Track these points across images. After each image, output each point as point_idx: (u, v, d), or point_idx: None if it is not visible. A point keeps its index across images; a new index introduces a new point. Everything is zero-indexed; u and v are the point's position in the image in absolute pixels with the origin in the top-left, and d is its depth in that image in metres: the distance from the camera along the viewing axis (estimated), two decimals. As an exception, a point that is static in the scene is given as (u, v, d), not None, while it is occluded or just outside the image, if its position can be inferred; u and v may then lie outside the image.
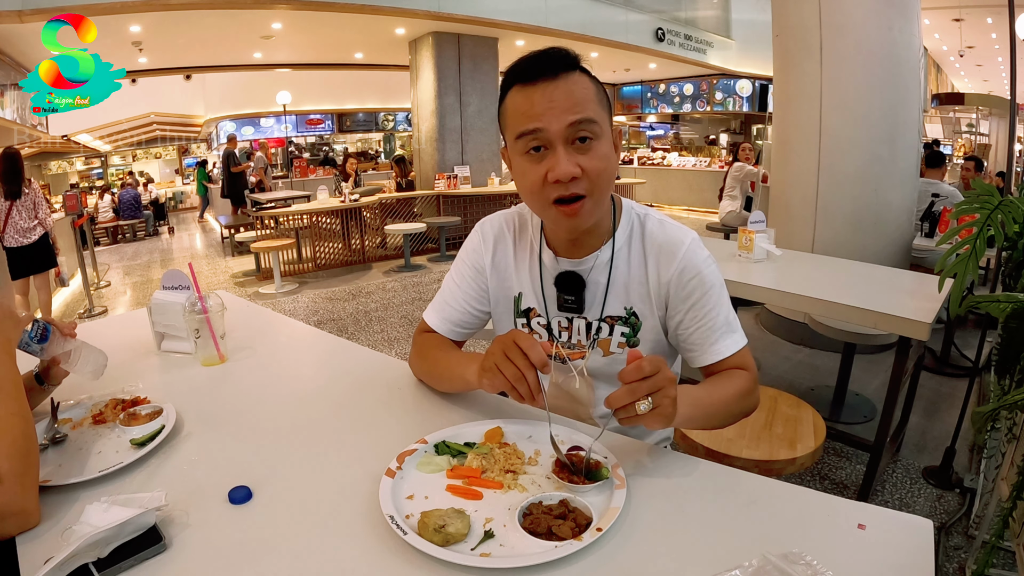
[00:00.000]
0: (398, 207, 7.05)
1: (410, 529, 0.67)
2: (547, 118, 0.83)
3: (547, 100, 0.83)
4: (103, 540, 0.63)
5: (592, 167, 0.85)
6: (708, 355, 0.96)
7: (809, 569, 0.58)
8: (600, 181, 0.87)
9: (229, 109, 13.76)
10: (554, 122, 0.83)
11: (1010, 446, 1.71)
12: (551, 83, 0.84)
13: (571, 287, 0.99)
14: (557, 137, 0.84)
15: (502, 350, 0.82)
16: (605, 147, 0.87)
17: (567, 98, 0.83)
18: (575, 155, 0.85)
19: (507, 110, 0.89)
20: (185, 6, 5.42)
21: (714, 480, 0.79)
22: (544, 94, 0.84)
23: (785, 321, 3.77)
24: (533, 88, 0.85)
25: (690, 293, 0.95)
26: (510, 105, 0.88)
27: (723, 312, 0.95)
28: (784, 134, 3.73)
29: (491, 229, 1.09)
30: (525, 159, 0.88)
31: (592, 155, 0.85)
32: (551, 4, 7.21)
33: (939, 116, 13.64)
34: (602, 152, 0.86)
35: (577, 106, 0.84)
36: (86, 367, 1.00)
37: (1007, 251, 1.88)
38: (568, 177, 0.84)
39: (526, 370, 0.80)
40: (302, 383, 1.17)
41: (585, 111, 0.84)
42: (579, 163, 0.84)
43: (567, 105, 0.83)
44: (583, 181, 0.85)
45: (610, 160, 0.88)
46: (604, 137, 0.87)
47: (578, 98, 0.84)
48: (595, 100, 0.86)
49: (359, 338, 4.17)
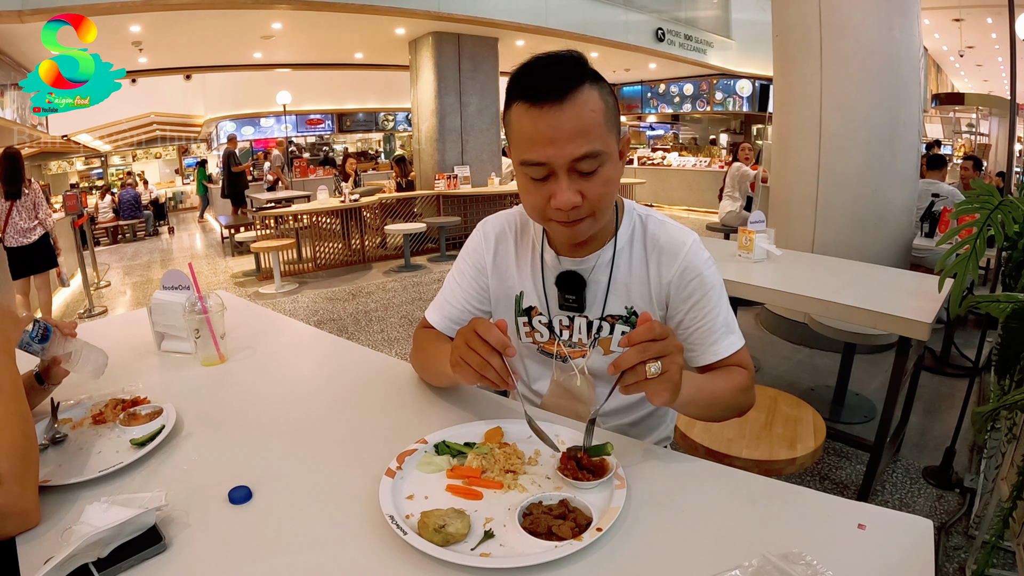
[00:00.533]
0: (398, 207, 7.05)
1: (410, 529, 0.67)
2: (551, 151, 0.81)
3: (552, 129, 0.81)
4: (103, 540, 0.63)
5: (594, 193, 0.85)
6: (707, 355, 0.97)
7: (809, 569, 0.58)
8: (602, 204, 0.87)
9: (229, 109, 13.76)
10: (558, 155, 0.82)
11: (1010, 446, 1.71)
12: (557, 109, 0.80)
13: (572, 286, 0.99)
14: (561, 168, 0.83)
15: (463, 341, 0.82)
16: (610, 171, 0.86)
17: (573, 126, 0.80)
18: (578, 182, 0.84)
19: (511, 126, 0.87)
20: (185, 6, 5.42)
21: (714, 480, 0.79)
22: (550, 122, 0.81)
23: (785, 321, 3.77)
24: (539, 113, 0.81)
25: (691, 294, 0.96)
26: (515, 122, 0.86)
27: (722, 313, 0.96)
28: (784, 134, 3.73)
29: (492, 229, 1.09)
30: (528, 179, 0.87)
31: (595, 181, 0.85)
32: (551, 4, 7.21)
33: (939, 116, 13.64)
34: (606, 177, 0.85)
35: (583, 136, 0.81)
36: (86, 367, 1.00)
37: (1007, 251, 1.88)
38: (569, 207, 0.84)
39: (489, 356, 0.80)
40: (302, 383, 1.17)
41: (591, 142, 0.81)
42: (581, 190, 0.84)
43: (573, 135, 0.81)
44: (584, 207, 0.85)
45: (613, 183, 0.87)
46: (610, 162, 0.85)
47: (585, 125, 0.81)
48: (603, 123, 0.83)
49: (359, 338, 4.17)
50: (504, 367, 0.80)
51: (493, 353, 0.80)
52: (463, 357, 0.82)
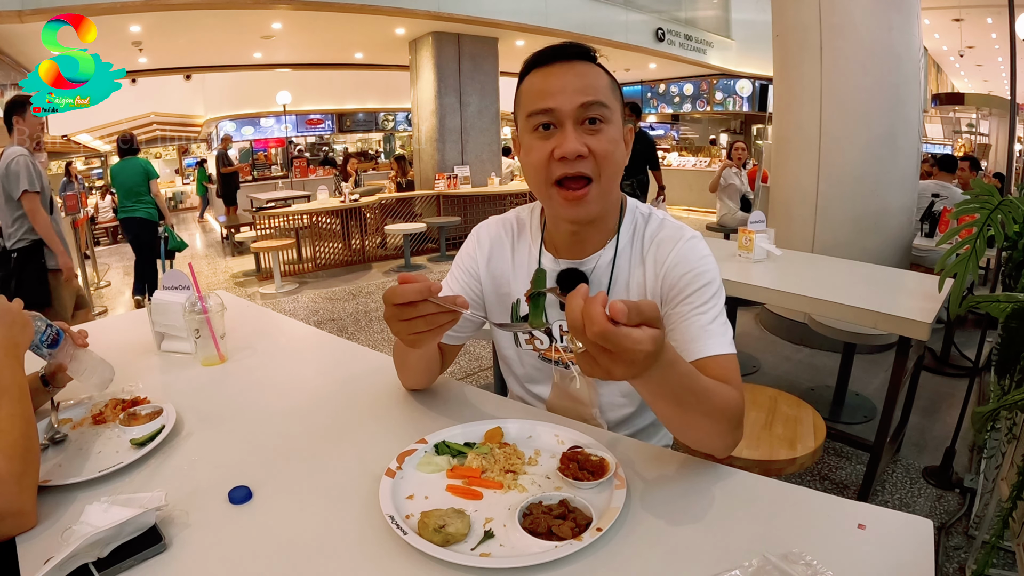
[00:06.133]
0: (398, 207, 7.05)
1: (410, 529, 0.67)
2: (559, 98, 0.84)
3: (561, 81, 0.85)
4: (103, 540, 0.63)
5: (600, 148, 0.85)
6: (688, 352, 0.86)
7: (809, 569, 0.58)
8: (607, 165, 0.87)
9: (229, 109, 13.75)
10: (565, 102, 0.84)
11: (1010, 446, 1.71)
12: (566, 65, 0.86)
13: (573, 285, 0.96)
14: (567, 116, 0.84)
15: (394, 316, 0.73)
16: (615, 132, 0.87)
17: (580, 80, 0.85)
18: (584, 135, 0.85)
19: (521, 92, 0.91)
20: (185, 6, 5.42)
21: (714, 480, 0.79)
22: (558, 75, 0.86)
23: (785, 321, 3.77)
24: (549, 70, 0.87)
25: (683, 288, 0.90)
26: (525, 87, 0.90)
27: (713, 312, 0.88)
28: (784, 134, 3.73)
29: (487, 234, 1.07)
30: (534, 136, 0.88)
31: (601, 137, 0.85)
32: (551, 4, 7.21)
33: (939, 116, 13.64)
34: (611, 136, 0.86)
35: (589, 88, 0.85)
36: (92, 378, 1.01)
37: (1007, 251, 1.87)
38: (574, 155, 0.84)
39: (425, 309, 0.72)
40: (302, 383, 1.17)
41: (597, 94, 0.85)
42: (587, 143, 0.84)
43: (580, 86, 0.85)
44: (589, 161, 0.85)
45: (619, 147, 0.88)
46: (614, 124, 0.87)
47: (591, 81, 0.86)
48: (608, 88, 0.88)
49: (359, 338, 4.17)
50: (440, 305, 0.73)
51: (425, 305, 0.72)
52: (407, 330, 0.74)
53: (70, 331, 0.99)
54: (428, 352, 0.99)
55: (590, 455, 0.80)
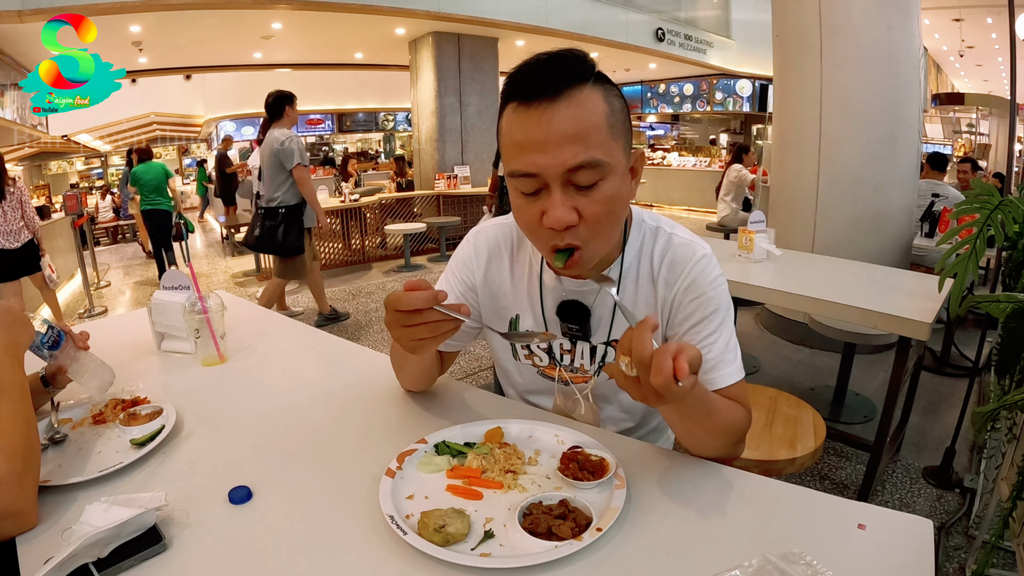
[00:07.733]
0: (398, 207, 7.05)
1: (410, 529, 0.67)
2: (542, 159, 0.71)
3: (543, 130, 0.70)
4: (103, 540, 0.63)
5: (592, 213, 0.74)
6: (703, 382, 0.84)
7: (809, 569, 0.58)
8: (601, 227, 0.76)
9: (229, 109, 13.76)
10: (550, 163, 0.71)
11: (1010, 446, 1.71)
12: (551, 107, 0.70)
13: (576, 315, 0.91)
14: (553, 180, 0.72)
15: (397, 322, 0.73)
16: (612, 187, 0.74)
17: (569, 125, 0.70)
18: (574, 197, 0.73)
19: (502, 131, 0.76)
20: (185, 6, 5.42)
21: (714, 480, 0.79)
22: (541, 123, 0.70)
23: (785, 321, 3.77)
24: (529, 113, 0.71)
25: (691, 313, 0.87)
26: (505, 127, 0.75)
27: (723, 338, 0.86)
28: (784, 134, 3.73)
29: (485, 243, 0.99)
30: (519, 195, 0.77)
31: (594, 198, 0.73)
32: (551, 4, 7.22)
33: (939, 116, 13.64)
34: (607, 193, 0.74)
35: (579, 141, 0.70)
36: (92, 381, 1.01)
37: (1007, 251, 1.87)
38: (563, 226, 0.73)
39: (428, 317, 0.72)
40: (302, 383, 1.17)
41: (588, 150, 0.71)
42: (577, 207, 0.73)
43: (568, 134, 0.70)
44: (580, 229, 0.74)
45: (617, 201, 0.76)
46: (613, 175, 0.74)
47: (582, 128, 0.70)
48: (605, 127, 0.72)
49: (359, 338, 4.17)
50: (444, 313, 0.72)
51: (430, 313, 0.71)
52: (409, 336, 0.73)
53: (72, 333, 0.99)
54: (427, 357, 0.97)
55: (590, 455, 0.80)
